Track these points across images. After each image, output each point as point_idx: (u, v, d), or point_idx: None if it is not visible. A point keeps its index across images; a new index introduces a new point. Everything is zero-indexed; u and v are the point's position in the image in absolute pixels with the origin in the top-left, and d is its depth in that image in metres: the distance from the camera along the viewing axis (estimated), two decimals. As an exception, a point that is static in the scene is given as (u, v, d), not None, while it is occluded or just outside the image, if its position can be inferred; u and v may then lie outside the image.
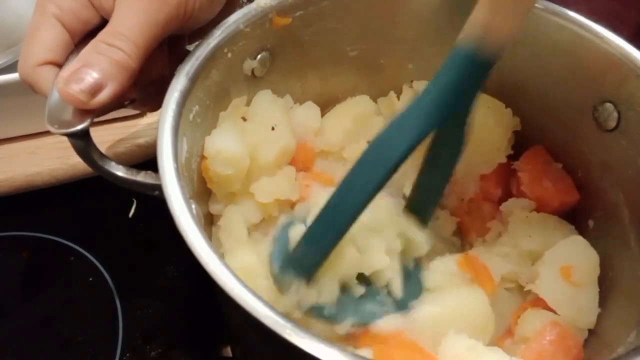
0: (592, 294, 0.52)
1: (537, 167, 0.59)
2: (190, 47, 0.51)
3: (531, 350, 0.50)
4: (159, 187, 0.42)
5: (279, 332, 0.35)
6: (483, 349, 0.47)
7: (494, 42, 0.41)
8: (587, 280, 0.52)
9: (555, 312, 0.52)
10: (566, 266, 0.52)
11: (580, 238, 0.55)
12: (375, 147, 0.43)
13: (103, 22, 0.47)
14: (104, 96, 0.44)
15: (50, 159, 0.68)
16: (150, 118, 0.72)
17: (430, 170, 0.50)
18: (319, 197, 0.46)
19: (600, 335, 0.51)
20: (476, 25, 0.41)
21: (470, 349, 0.46)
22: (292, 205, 0.56)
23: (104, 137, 0.69)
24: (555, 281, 0.52)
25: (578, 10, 0.54)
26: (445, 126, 0.44)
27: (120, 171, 0.46)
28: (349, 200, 0.43)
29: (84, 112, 0.44)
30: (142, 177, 0.46)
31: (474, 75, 0.43)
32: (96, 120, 0.46)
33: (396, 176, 0.43)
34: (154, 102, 0.51)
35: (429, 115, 0.42)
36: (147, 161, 0.68)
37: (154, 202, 0.45)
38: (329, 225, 0.44)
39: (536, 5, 0.54)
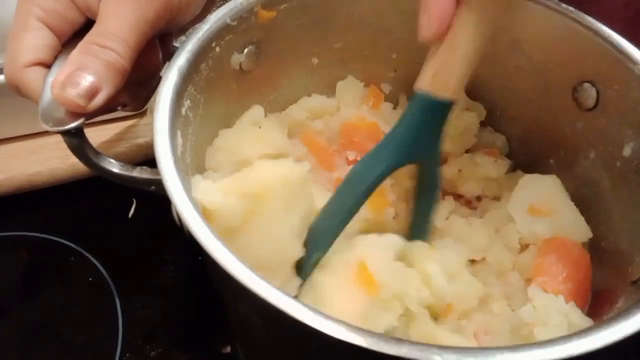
0: (570, 211, 0.56)
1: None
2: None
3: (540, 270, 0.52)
4: (155, 182, 0.42)
5: (287, 312, 0.35)
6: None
7: (441, 96, 0.47)
8: (559, 204, 0.56)
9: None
10: (530, 205, 0.56)
11: (529, 176, 0.59)
12: (352, 175, 0.51)
13: (89, 22, 0.47)
14: (100, 99, 0.44)
15: (50, 159, 0.68)
16: (150, 118, 0.71)
17: (418, 200, 0.56)
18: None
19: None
20: (422, 82, 0.47)
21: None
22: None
23: (105, 136, 0.69)
24: (528, 221, 0.56)
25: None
26: (416, 161, 0.51)
27: (115, 167, 0.46)
28: (331, 220, 0.50)
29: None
30: (138, 172, 0.46)
31: (433, 114, 0.48)
32: (97, 119, 0.46)
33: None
34: (140, 100, 0.51)
35: (395, 150, 0.49)
36: (147, 161, 0.68)
37: (154, 202, 0.45)
38: (317, 237, 0.50)
39: None
